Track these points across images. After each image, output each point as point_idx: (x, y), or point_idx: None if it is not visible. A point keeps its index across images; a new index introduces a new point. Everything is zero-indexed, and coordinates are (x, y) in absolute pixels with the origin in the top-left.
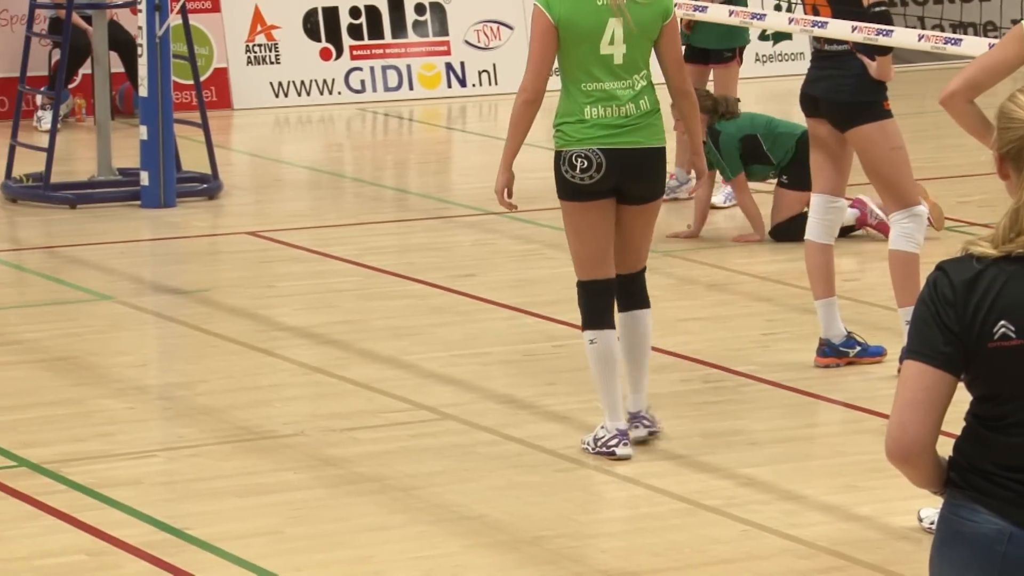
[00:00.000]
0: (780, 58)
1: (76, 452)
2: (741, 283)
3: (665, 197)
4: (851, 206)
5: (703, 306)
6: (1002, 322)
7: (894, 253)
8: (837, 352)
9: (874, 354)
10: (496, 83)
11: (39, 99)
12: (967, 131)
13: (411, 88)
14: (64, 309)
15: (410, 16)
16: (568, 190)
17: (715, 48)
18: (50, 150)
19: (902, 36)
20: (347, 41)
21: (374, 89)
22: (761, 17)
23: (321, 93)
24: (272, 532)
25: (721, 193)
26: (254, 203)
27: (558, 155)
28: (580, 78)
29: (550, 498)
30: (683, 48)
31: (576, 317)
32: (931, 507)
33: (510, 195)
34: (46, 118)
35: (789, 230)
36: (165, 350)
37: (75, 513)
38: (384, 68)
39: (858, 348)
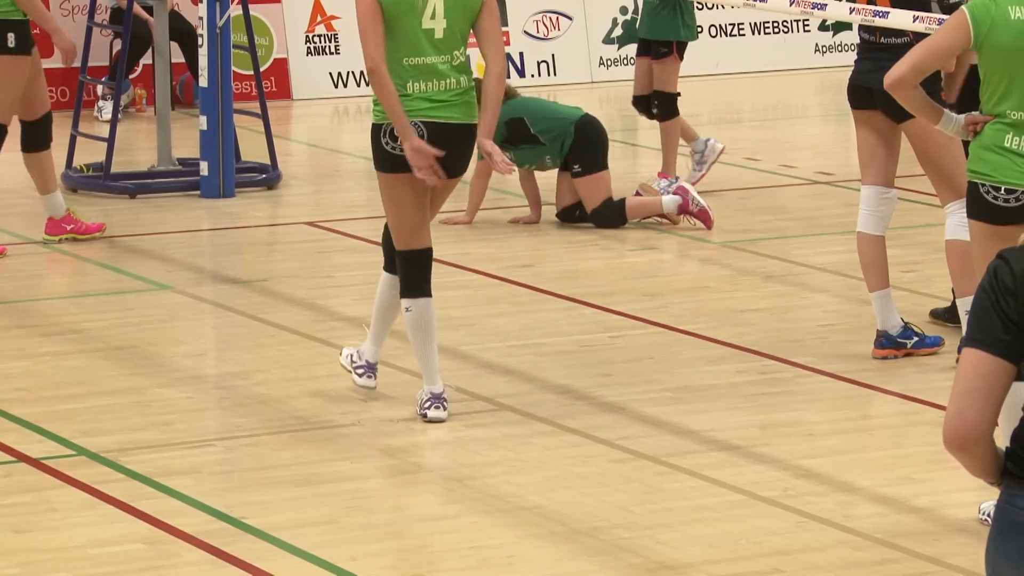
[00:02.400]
0: (840, 48)
1: (134, 441)
2: (798, 274)
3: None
4: (674, 192)
5: (760, 297)
6: None
7: (952, 243)
8: (895, 343)
9: (931, 344)
10: (555, 73)
11: (100, 89)
12: (914, 113)
13: None
14: (123, 299)
15: None
16: (388, 162)
17: (653, 39)
18: (110, 140)
19: None
20: None
21: None
22: (822, 7)
23: None
24: (328, 521)
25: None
26: (312, 193)
27: (377, 128)
28: (403, 51)
29: (605, 489)
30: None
31: (634, 307)
32: (992, 500)
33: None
34: (107, 108)
35: (608, 215)
36: (223, 339)
37: (132, 502)
38: None
39: (915, 339)
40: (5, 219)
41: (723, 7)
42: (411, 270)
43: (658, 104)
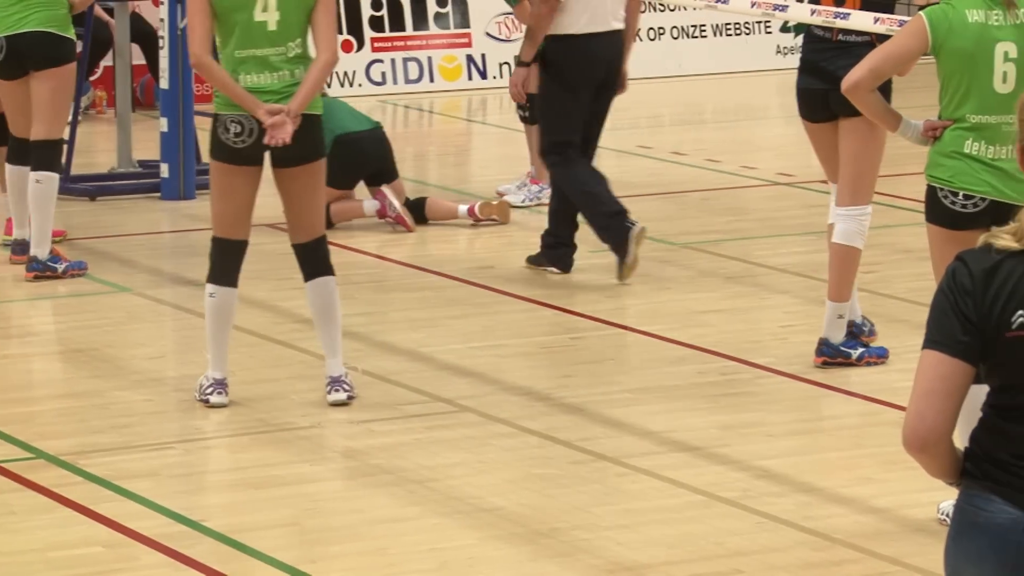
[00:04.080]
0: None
1: (93, 444)
2: (759, 275)
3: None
4: (374, 197)
5: (721, 298)
6: (1020, 312)
7: (847, 249)
8: (837, 352)
9: (878, 354)
10: None
11: None
12: (872, 118)
13: (432, 80)
14: (82, 301)
15: (431, 8)
16: (221, 152)
17: None
18: (71, 142)
19: None
20: (368, 33)
21: (395, 81)
22: (784, 8)
23: (342, 85)
24: (288, 524)
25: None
26: (272, 195)
27: (215, 118)
28: (235, 44)
29: (566, 490)
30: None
31: (594, 308)
32: (951, 500)
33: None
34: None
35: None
36: (183, 342)
37: (91, 505)
38: (405, 60)
39: (860, 349)
40: None
41: (684, 8)
42: (224, 258)
43: (531, 106)
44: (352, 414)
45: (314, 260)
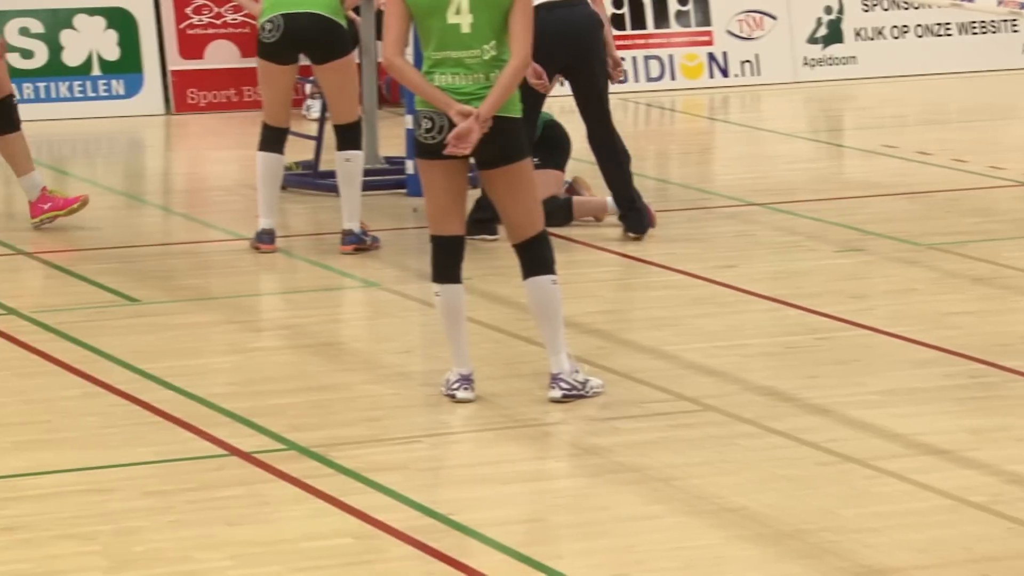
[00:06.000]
0: (830, 62)
1: (343, 436)
2: (1008, 277)
3: None
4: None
5: (968, 300)
6: None
7: None
8: None
9: None
10: (759, 73)
11: (308, 88)
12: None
13: (673, 78)
14: (331, 295)
15: (672, 6)
16: (417, 148)
17: None
18: (319, 138)
19: None
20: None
21: (636, 79)
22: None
23: None
24: (534, 519)
25: None
26: None
27: (414, 115)
28: (430, 46)
29: (812, 491)
30: None
31: (840, 309)
32: None
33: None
34: (315, 107)
35: (552, 211)
36: (429, 337)
37: (342, 497)
38: (647, 58)
39: None
40: (217, 215)
41: (929, 7)
42: (439, 255)
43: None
44: (597, 411)
45: (528, 259)
